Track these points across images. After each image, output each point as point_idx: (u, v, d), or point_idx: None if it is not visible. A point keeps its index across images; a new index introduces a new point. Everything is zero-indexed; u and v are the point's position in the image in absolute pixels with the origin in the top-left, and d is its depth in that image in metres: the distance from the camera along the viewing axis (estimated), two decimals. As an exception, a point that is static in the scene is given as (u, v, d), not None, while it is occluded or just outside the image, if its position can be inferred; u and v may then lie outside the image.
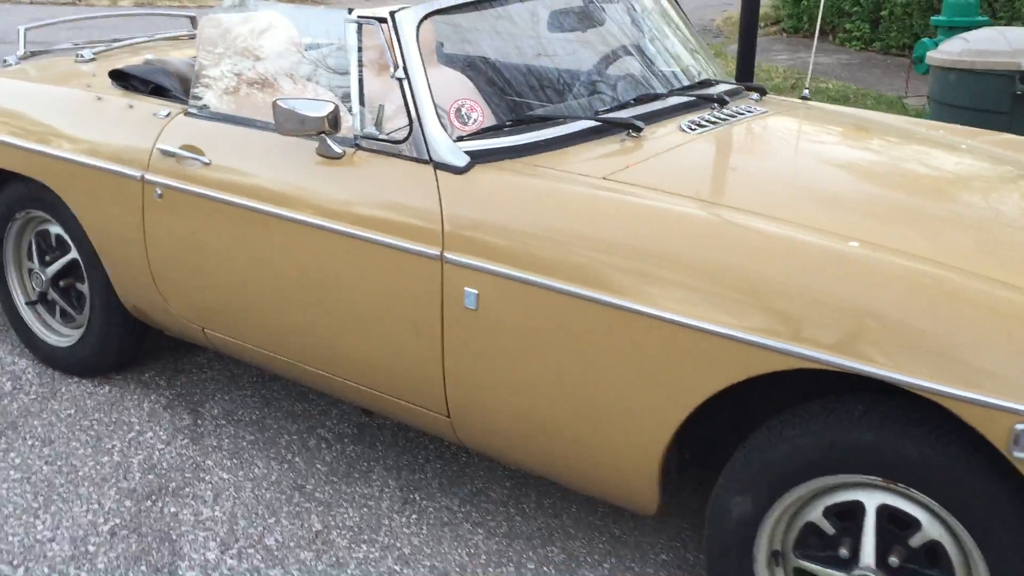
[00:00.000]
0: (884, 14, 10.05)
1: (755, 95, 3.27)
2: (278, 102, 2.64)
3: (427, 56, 3.21)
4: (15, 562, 2.68)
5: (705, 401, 2.20)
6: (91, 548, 2.74)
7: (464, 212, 2.49)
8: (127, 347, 3.54)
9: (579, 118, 2.75)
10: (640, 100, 2.93)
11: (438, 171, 2.56)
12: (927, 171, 2.84)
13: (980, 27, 6.94)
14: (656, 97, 2.97)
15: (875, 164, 2.82)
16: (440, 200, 2.52)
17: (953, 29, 6.78)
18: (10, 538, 2.77)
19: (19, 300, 3.74)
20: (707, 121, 2.86)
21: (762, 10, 12.14)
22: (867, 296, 2.01)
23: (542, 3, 3.07)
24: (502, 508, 2.95)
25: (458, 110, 2.69)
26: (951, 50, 4.50)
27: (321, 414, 3.42)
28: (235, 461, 3.15)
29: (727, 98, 3.04)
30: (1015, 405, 1.84)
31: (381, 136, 2.66)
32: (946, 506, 2.01)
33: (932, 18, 7.09)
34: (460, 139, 2.61)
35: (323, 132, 2.63)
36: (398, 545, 2.78)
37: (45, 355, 3.69)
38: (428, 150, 2.57)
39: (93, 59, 3.80)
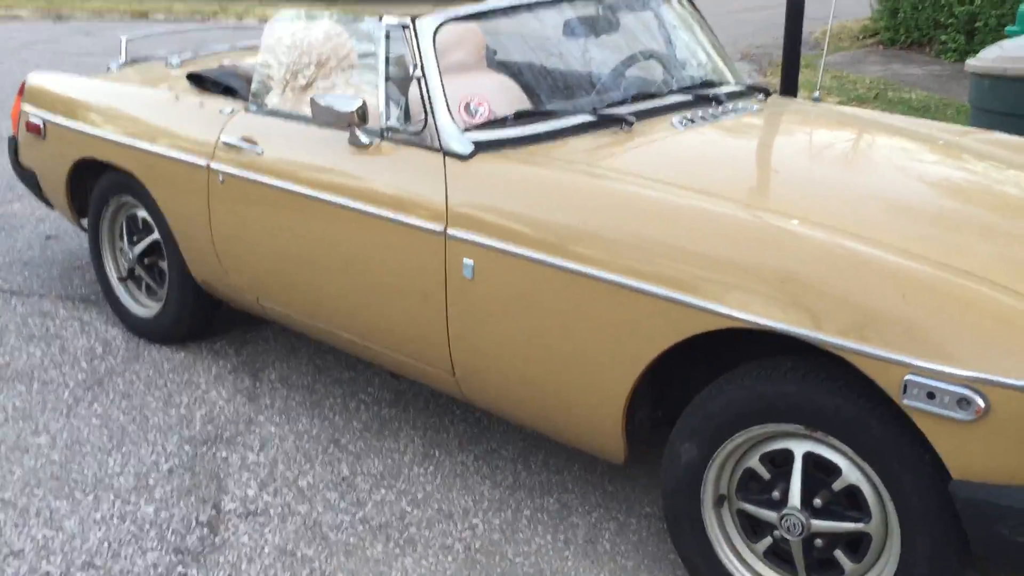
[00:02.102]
0: (979, 25, 10.01)
1: (760, 95, 3.53)
2: (314, 98, 3.05)
3: (477, 61, 3.60)
4: (87, 490, 3.14)
5: (669, 360, 2.50)
6: (151, 482, 3.18)
7: (465, 193, 2.84)
8: (200, 318, 4.01)
9: (576, 113, 3.08)
10: (639, 98, 3.23)
11: (447, 158, 2.92)
12: (883, 159, 3.08)
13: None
14: (656, 96, 3.27)
15: (838, 153, 3.08)
16: (446, 183, 2.88)
17: (1028, 39, 6.84)
18: (85, 471, 3.23)
19: (112, 276, 4.24)
20: (699, 118, 3.16)
21: (861, 22, 12.24)
22: (789, 264, 2.29)
23: (557, 10, 3.40)
24: (511, 464, 3.28)
25: (467, 105, 3.05)
26: (987, 57, 4.65)
27: (365, 381, 3.81)
28: (283, 417, 3.56)
29: (724, 98, 3.32)
30: (904, 358, 2.10)
31: (402, 128, 3.03)
32: (857, 451, 2.27)
33: (1007, 28, 7.14)
34: (468, 130, 2.96)
35: (352, 124, 3.02)
36: (412, 491, 3.14)
37: (132, 324, 4.19)
38: (439, 140, 2.94)
39: (180, 65, 4.30)
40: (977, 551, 2.17)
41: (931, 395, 2.08)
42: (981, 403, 2.03)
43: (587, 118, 3.06)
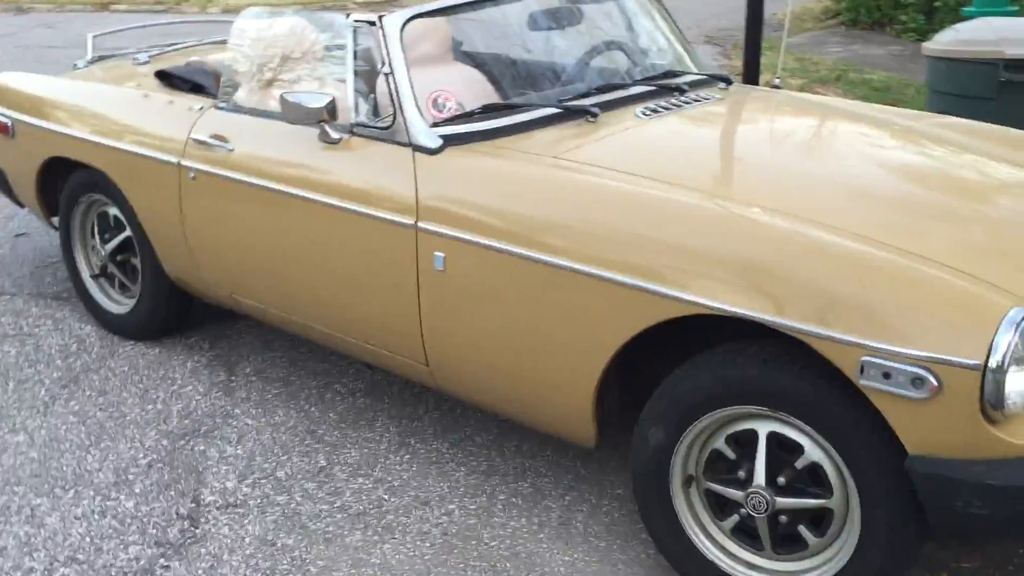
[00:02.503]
0: (938, 5, 10.15)
1: (721, 84, 3.61)
2: (284, 95, 3.09)
3: (443, 54, 3.66)
4: (67, 486, 3.18)
5: (637, 346, 2.58)
6: (130, 477, 3.23)
7: (434, 187, 2.90)
8: (173, 314, 4.05)
9: (542, 106, 3.14)
10: (604, 89, 3.30)
11: (416, 153, 2.97)
12: (842, 146, 3.18)
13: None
14: (621, 87, 3.34)
15: (798, 141, 3.16)
16: (415, 177, 2.94)
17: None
18: (64, 468, 3.28)
19: (85, 273, 4.27)
20: (662, 107, 3.23)
21: (823, 3, 12.35)
22: (748, 251, 2.37)
23: (521, 4, 3.46)
24: (485, 451, 3.35)
25: (435, 100, 3.11)
26: (942, 40, 4.75)
27: (339, 372, 3.87)
28: (259, 410, 3.62)
29: (686, 87, 3.39)
30: (860, 340, 2.18)
31: (371, 123, 3.08)
32: (818, 430, 2.36)
33: (962, 9, 7.27)
34: (435, 125, 3.02)
35: (322, 120, 3.07)
36: (389, 479, 3.20)
37: (106, 321, 4.22)
38: (408, 135, 2.99)
39: (148, 62, 4.32)
40: (933, 524, 2.26)
41: (887, 375, 2.16)
42: (934, 382, 2.12)
43: (552, 110, 3.12)
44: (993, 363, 2.08)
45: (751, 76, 5.10)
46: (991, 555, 2.80)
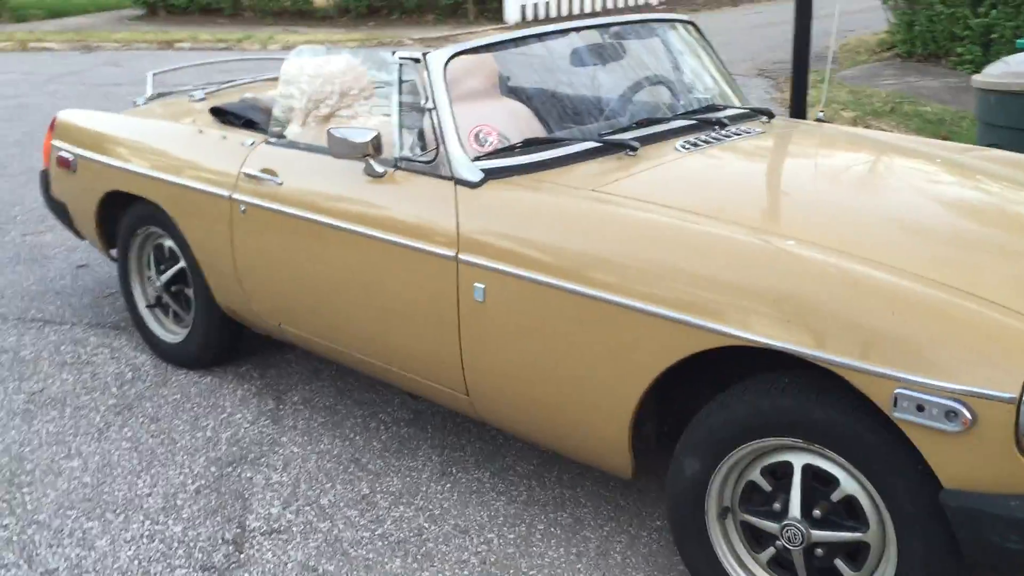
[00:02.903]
0: (995, 37, 10.05)
1: (764, 118, 3.63)
2: (331, 130, 3.17)
3: (490, 89, 3.73)
4: (118, 511, 3.26)
5: (674, 376, 2.60)
6: (179, 502, 3.30)
7: (476, 219, 2.96)
8: (225, 343, 4.14)
9: (582, 140, 3.19)
10: (644, 123, 3.34)
11: (457, 186, 3.03)
12: (882, 179, 3.17)
13: (1066, 49, 7.06)
14: (661, 121, 3.38)
15: (837, 173, 3.17)
16: (457, 210, 2.99)
17: (1038, 52, 6.90)
18: (116, 492, 3.36)
19: (140, 304, 4.39)
20: (702, 141, 3.26)
21: (879, 35, 12.29)
22: (784, 283, 2.38)
23: (565, 40, 3.52)
24: (525, 480, 3.38)
25: (477, 134, 3.17)
26: (992, 72, 4.72)
27: (384, 402, 3.93)
28: (305, 438, 3.68)
29: (727, 121, 3.42)
30: (894, 372, 2.19)
31: (415, 157, 3.15)
32: (852, 463, 2.36)
33: (1018, 41, 7.20)
34: (478, 159, 3.07)
35: (367, 155, 3.14)
36: (430, 507, 3.24)
37: (160, 350, 4.33)
38: (450, 168, 3.05)
39: (203, 99, 4.45)
40: (969, 558, 2.24)
41: (920, 408, 2.16)
42: (968, 415, 2.11)
43: (593, 144, 3.16)
44: (1028, 396, 2.07)
45: (798, 109, 5.11)
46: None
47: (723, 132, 3.36)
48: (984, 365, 2.12)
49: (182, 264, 4.09)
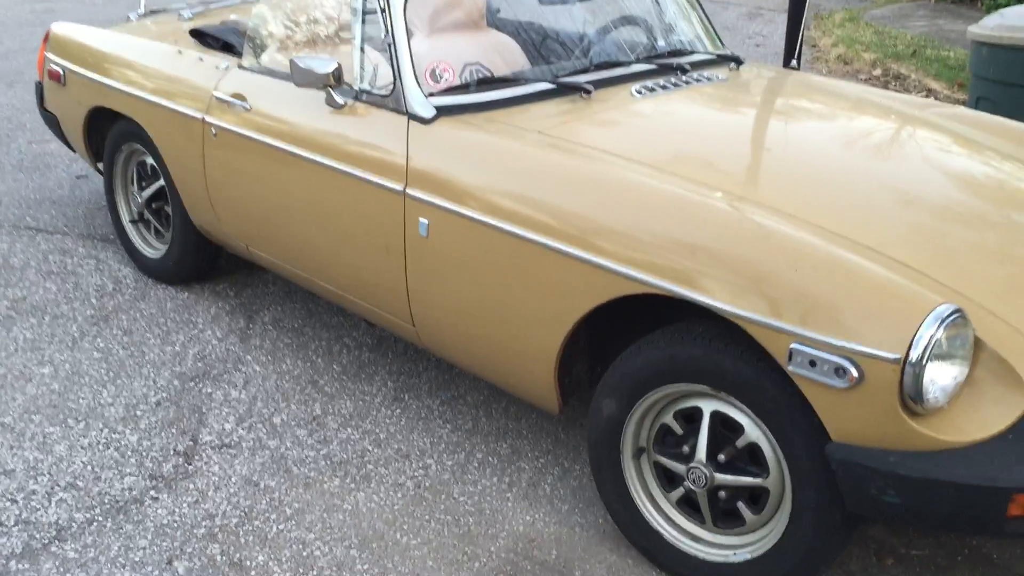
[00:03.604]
0: (1030, -18, 9.82)
1: (732, 64, 3.65)
2: (293, 59, 3.23)
3: (477, 20, 3.77)
4: (79, 418, 3.41)
5: (609, 320, 2.68)
6: (138, 413, 3.45)
7: (424, 155, 3.02)
8: (202, 261, 4.25)
9: (536, 80, 3.23)
10: (603, 66, 3.37)
11: (410, 121, 3.09)
12: (825, 133, 3.20)
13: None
14: (621, 64, 3.40)
15: (782, 126, 3.20)
16: (408, 145, 3.06)
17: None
18: (80, 401, 3.51)
19: (124, 218, 4.51)
20: (659, 87, 3.29)
21: (914, -25, 12.03)
22: (699, 235, 2.44)
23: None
24: (473, 410, 3.49)
25: (433, 71, 3.22)
26: (987, 24, 4.66)
27: (351, 327, 4.04)
28: (269, 358, 3.81)
29: (688, 67, 3.44)
30: (790, 327, 2.25)
31: (373, 90, 3.21)
32: (754, 411, 2.44)
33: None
34: (432, 95, 3.13)
35: (328, 85, 3.20)
36: (376, 431, 3.36)
37: (142, 265, 4.46)
38: (405, 103, 3.11)
39: (191, 19, 4.51)
40: (850, 508, 2.32)
41: (812, 363, 2.23)
42: (855, 372, 2.18)
43: (547, 86, 3.20)
44: (913, 357, 2.13)
45: (790, 50, 5.08)
46: (942, 544, 2.85)
47: (683, 78, 3.38)
48: (874, 325, 2.18)
49: (162, 182, 4.19)
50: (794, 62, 3.94)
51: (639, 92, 3.24)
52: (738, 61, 3.67)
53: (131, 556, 2.77)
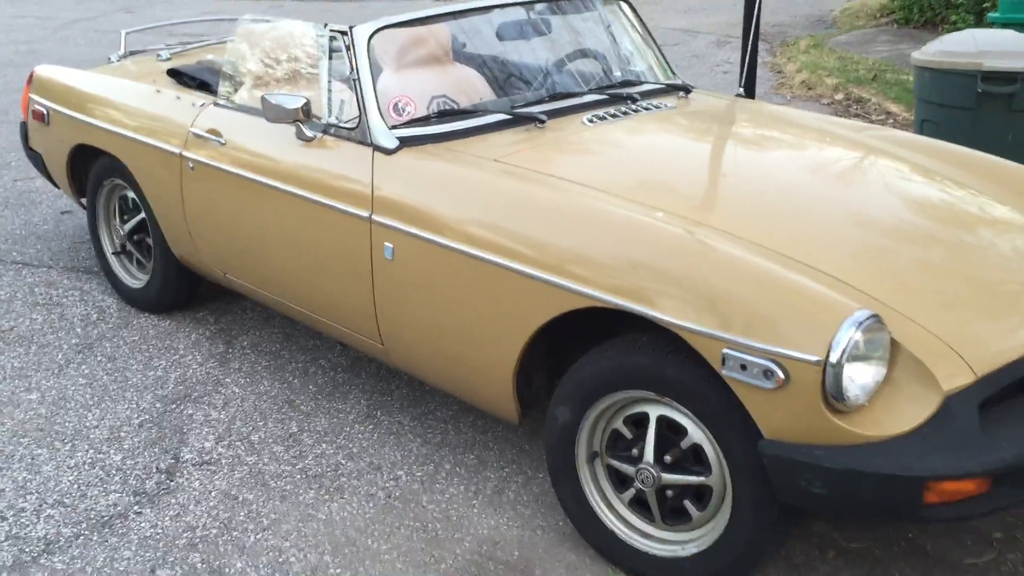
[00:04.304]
0: (988, 5, 10.12)
1: (681, 93, 3.87)
2: (264, 96, 3.43)
3: (443, 56, 3.97)
4: (66, 440, 3.58)
5: (565, 335, 2.87)
6: (122, 434, 3.61)
7: (388, 183, 3.22)
8: (182, 289, 4.44)
9: (493, 111, 3.43)
10: (557, 97, 3.58)
11: (375, 152, 3.29)
12: (761, 157, 3.42)
13: (1034, 24, 7.20)
14: (575, 95, 3.62)
15: (720, 151, 3.41)
16: (373, 174, 3.25)
17: (1007, 26, 7.05)
18: (66, 424, 3.68)
19: (108, 250, 4.69)
20: (609, 115, 3.50)
21: (876, 1, 12.35)
22: (638, 252, 2.64)
23: (487, 17, 3.76)
24: (442, 424, 3.67)
25: (396, 104, 3.42)
26: (928, 50, 4.90)
27: (327, 349, 4.22)
28: (248, 380, 3.98)
29: (638, 96, 3.66)
30: (722, 334, 2.45)
31: (340, 124, 3.41)
32: (695, 414, 2.63)
33: (989, 15, 7.34)
34: (395, 127, 3.33)
35: (297, 120, 3.40)
36: (350, 446, 3.54)
37: (125, 295, 4.64)
38: (369, 135, 3.31)
39: (169, 59, 4.71)
40: (781, 500, 2.51)
41: (743, 366, 2.42)
42: (781, 374, 2.37)
43: (504, 116, 3.41)
44: (833, 359, 2.32)
45: (749, 86, 5.29)
46: (880, 537, 3.03)
47: (632, 107, 3.60)
48: (797, 331, 2.38)
49: (143, 215, 4.37)
50: (740, 89, 4.14)
51: (590, 121, 3.45)
52: (687, 90, 3.89)
53: (116, 566, 2.94)
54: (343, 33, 3.43)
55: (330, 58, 3.47)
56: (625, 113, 3.54)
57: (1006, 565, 2.92)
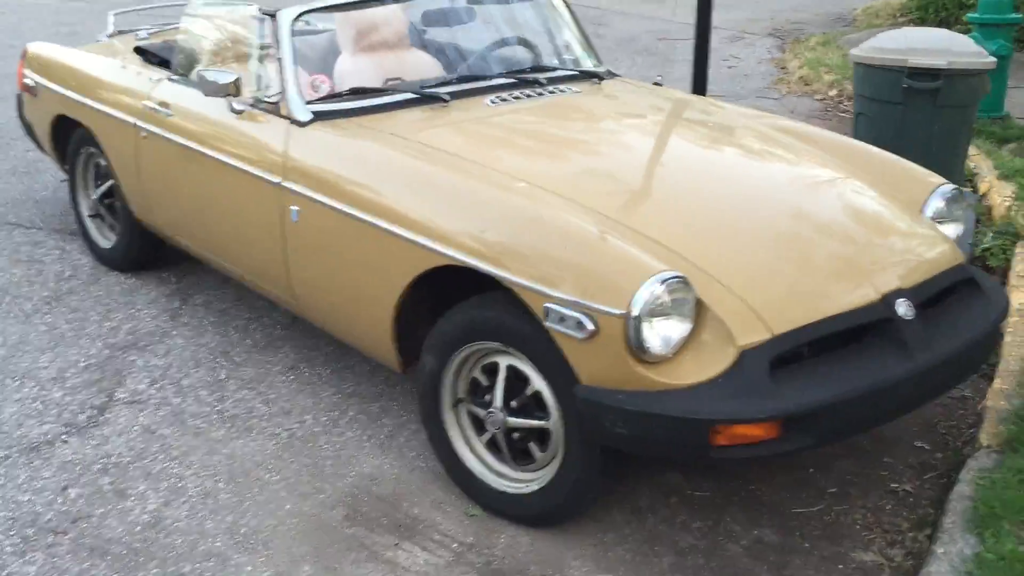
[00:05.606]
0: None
1: (594, 80, 4.15)
2: (200, 71, 3.79)
3: (399, 41, 4.30)
4: (16, 378, 3.97)
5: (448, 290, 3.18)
6: (67, 375, 4.00)
7: (299, 153, 3.55)
8: (146, 250, 4.82)
9: (401, 90, 3.76)
10: (465, 79, 3.89)
11: (291, 125, 3.63)
12: (629, 133, 3.75)
13: (1013, 24, 7.33)
14: (482, 78, 3.93)
15: (602, 132, 3.70)
16: (287, 144, 3.59)
17: (984, 26, 7.20)
18: (20, 364, 4.07)
19: (84, 213, 5.09)
20: (512, 97, 3.80)
21: (898, 0, 12.41)
22: (488, 217, 2.95)
23: (413, 5, 4.08)
24: (358, 377, 4.00)
25: (313, 82, 3.76)
26: (864, 47, 5.10)
27: (272, 309, 4.57)
28: (193, 332, 4.35)
29: (544, 81, 3.95)
30: (544, 289, 2.75)
31: (265, 98, 3.75)
32: (533, 362, 2.93)
33: (967, 15, 7.48)
34: (310, 102, 3.66)
35: (229, 94, 3.75)
36: (269, 393, 3.89)
37: (98, 254, 5.04)
38: (288, 109, 3.65)
39: (147, 38, 5.09)
40: (593, 439, 2.81)
41: (561, 319, 2.72)
42: (591, 326, 2.66)
43: (410, 95, 3.73)
44: (634, 312, 2.61)
45: (699, 84, 5.54)
46: (722, 487, 3.31)
47: (538, 90, 3.89)
48: (606, 287, 2.67)
49: (112, 181, 4.76)
50: (658, 77, 4.40)
51: (491, 102, 3.75)
52: (600, 77, 4.17)
53: (34, 484, 3.32)
54: (271, 16, 3.76)
55: (260, 39, 3.81)
56: (528, 96, 3.84)
57: (830, 515, 3.18)
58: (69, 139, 5.02)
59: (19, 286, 4.79)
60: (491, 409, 3.08)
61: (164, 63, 4.57)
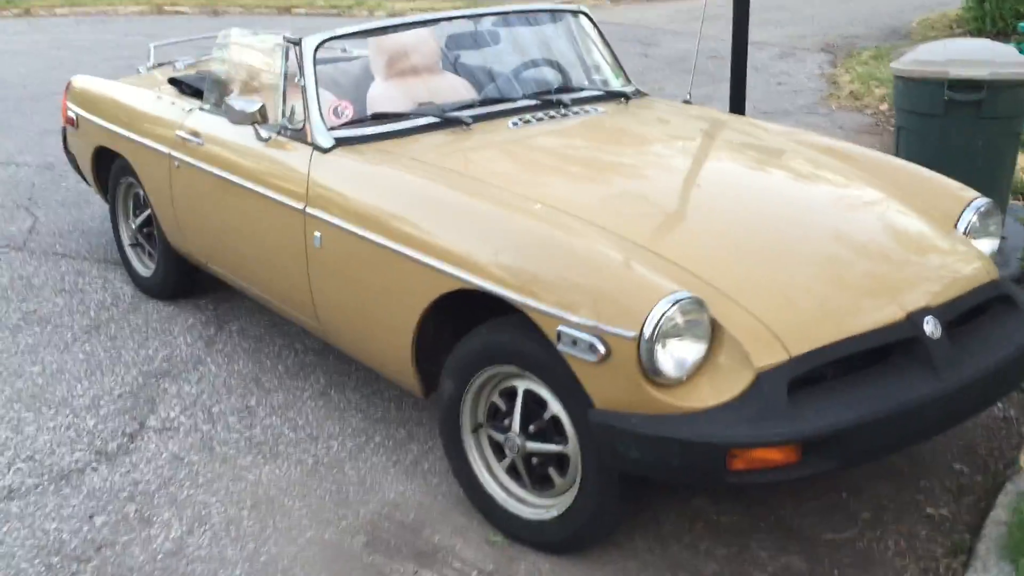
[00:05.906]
0: (1057, 17, 9.97)
1: (622, 99, 4.11)
2: (227, 100, 3.83)
3: (432, 64, 4.31)
4: (52, 406, 4.02)
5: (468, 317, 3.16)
6: (101, 403, 4.04)
7: (321, 179, 3.56)
8: (183, 278, 4.87)
9: (423, 114, 3.75)
10: (488, 101, 3.88)
11: (314, 151, 3.64)
12: (662, 161, 3.66)
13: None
14: (506, 100, 3.91)
15: (626, 154, 3.66)
16: (310, 170, 3.60)
17: (1035, 35, 7.03)
18: (56, 393, 4.13)
19: (126, 242, 5.17)
20: (535, 119, 3.78)
21: (954, 11, 12.22)
22: (504, 240, 2.92)
23: (433, 28, 4.09)
24: (386, 402, 3.99)
25: (335, 108, 3.77)
26: (905, 60, 4.99)
27: (305, 335, 4.58)
28: (226, 360, 4.38)
29: (568, 102, 3.92)
30: (557, 312, 2.71)
31: (290, 126, 3.77)
32: (549, 386, 2.89)
33: (1020, 24, 7.31)
34: (333, 128, 3.67)
35: (255, 122, 3.78)
36: (297, 419, 3.89)
37: (138, 283, 5.11)
38: (312, 136, 3.66)
39: (183, 69, 5.17)
40: (606, 463, 2.75)
41: (574, 342, 2.68)
42: (603, 349, 2.62)
43: (432, 119, 3.72)
44: (646, 335, 2.56)
45: (737, 101, 5.47)
46: (751, 513, 3.23)
47: (562, 111, 3.86)
48: (618, 309, 2.62)
49: (150, 210, 4.83)
50: (688, 95, 4.35)
51: (515, 124, 3.73)
52: (628, 97, 4.13)
53: (62, 512, 3.34)
54: (295, 44, 3.78)
55: (285, 68, 3.83)
56: (552, 117, 3.81)
57: (862, 542, 3.08)
58: (110, 170, 5.10)
59: (61, 315, 4.87)
60: (510, 434, 3.04)
61: (197, 93, 4.62)
